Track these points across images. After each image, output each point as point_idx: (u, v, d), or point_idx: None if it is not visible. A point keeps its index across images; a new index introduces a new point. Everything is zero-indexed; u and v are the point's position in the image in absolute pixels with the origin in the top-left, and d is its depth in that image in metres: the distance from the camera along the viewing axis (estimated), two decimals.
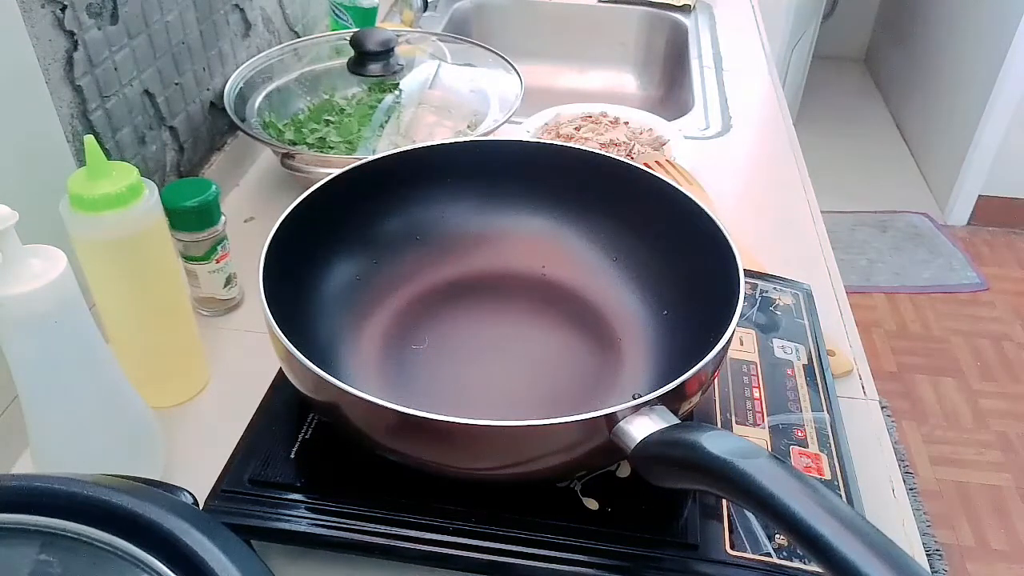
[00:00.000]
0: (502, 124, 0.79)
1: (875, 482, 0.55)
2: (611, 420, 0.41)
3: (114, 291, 0.53)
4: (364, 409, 0.42)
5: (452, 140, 0.64)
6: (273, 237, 0.50)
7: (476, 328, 0.60)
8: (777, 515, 0.33)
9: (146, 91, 0.68)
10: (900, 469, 0.57)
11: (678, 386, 0.42)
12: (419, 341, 0.58)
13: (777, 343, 0.59)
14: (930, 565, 1.37)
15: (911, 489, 1.57)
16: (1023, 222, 2.30)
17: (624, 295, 0.60)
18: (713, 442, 0.37)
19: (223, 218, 0.64)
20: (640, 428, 0.40)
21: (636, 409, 0.41)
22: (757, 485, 0.34)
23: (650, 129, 0.91)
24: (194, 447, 0.55)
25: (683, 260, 0.56)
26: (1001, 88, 2.11)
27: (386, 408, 0.41)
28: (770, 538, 0.45)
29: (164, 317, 0.56)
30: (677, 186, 0.57)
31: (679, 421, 0.41)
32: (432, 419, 0.40)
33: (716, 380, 0.54)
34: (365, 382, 0.54)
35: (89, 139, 0.47)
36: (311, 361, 0.43)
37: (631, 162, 0.61)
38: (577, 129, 0.91)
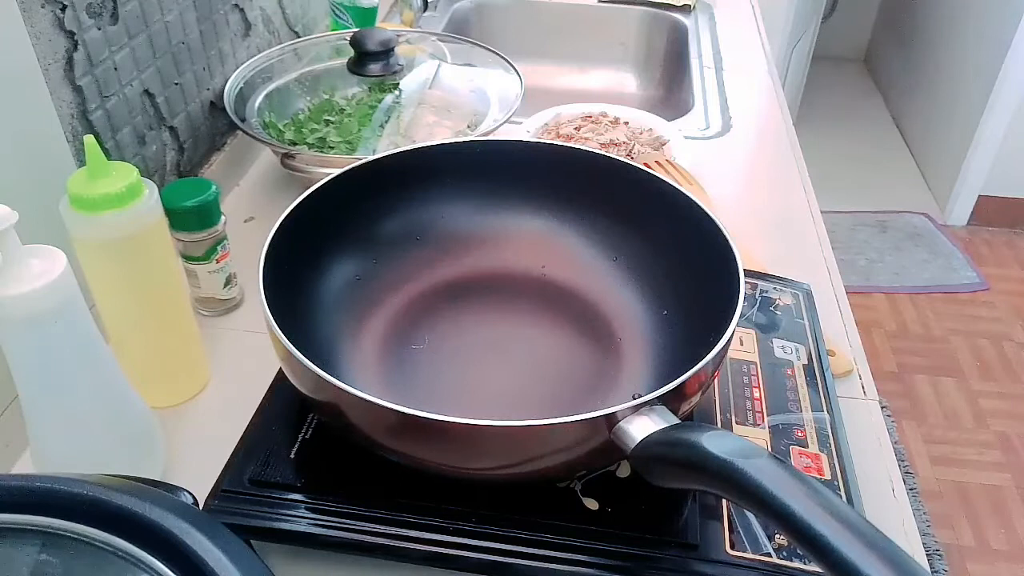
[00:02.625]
0: (502, 124, 0.79)
1: (875, 482, 0.55)
2: (611, 420, 0.41)
3: (114, 291, 0.53)
4: (363, 409, 0.42)
5: (452, 140, 0.64)
6: (273, 237, 0.50)
7: (476, 328, 0.59)
8: (777, 515, 0.33)
9: (146, 91, 0.68)
10: (900, 469, 0.57)
11: (678, 386, 0.42)
12: (419, 341, 0.58)
13: (777, 343, 0.59)
14: (930, 565, 1.37)
15: (911, 489, 1.57)
16: (1023, 222, 2.30)
17: (624, 295, 0.60)
18: (713, 442, 0.36)
19: (223, 218, 0.64)
20: (640, 428, 0.40)
21: (636, 409, 0.41)
22: (757, 485, 0.34)
23: (650, 129, 0.91)
24: (194, 447, 0.55)
25: (683, 260, 0.56)
26: (1001, 88, 2.11)
27: (385, 408, 0.41)
28: (770, 538, 0.45)
29: (164, 317, 0.56)
30: (677, 186, 0.57)
31: (679, 421, 0.41)
32: (431, 419, 0.40)
33: (716, 380, 0.54)
34: (365, 382, 0.54)
35: (89, 139, 0.47)
36: (311, 361, 0.43)
37: (631, 162, 0.61)
38: (577, 129, 0.91)
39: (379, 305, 0.59)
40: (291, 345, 0.43)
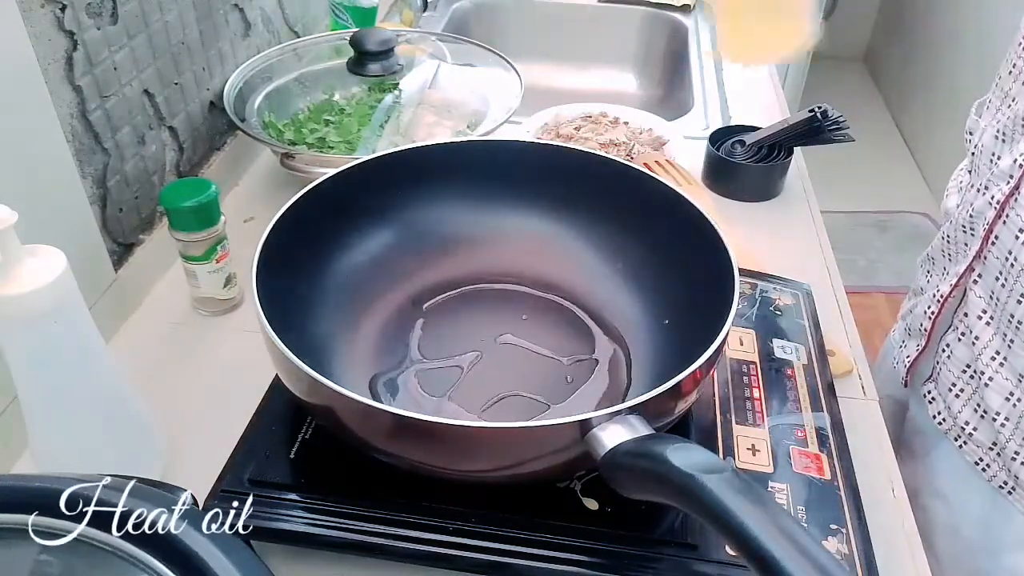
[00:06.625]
0: (502, 124, 0.79)
1: (875, 482, 0.55)
2: (585, 426, 0.40)
3: None
4: (328, 395, 0.42)
5: (451, 140, 0.63)
6: (267, 237, 0.50)
7: (473, 330, 0.59)
8: (732, 532, 0.33)
9: (146, 91, 0.68)
10: (900, 469, 0.57)
11: (651, 398, 0.41)
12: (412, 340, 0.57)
13: (777, 343, 0.59)
14: None
15: None
16: None
17: (624, 301, 0.60)
18: (678, 455, 0.36)
19: (223, 218, 0.64)
20: (612, 436, 0.40)
21: (611, 417, 0.40)
22: (715, 500, 0.34)
23: (650, 129, 0.91)
24: (194, 447, 0.55)
25: (682, 266, 0.56)
26: None
27: (346, 397, 0.41)
28: None
29: None
30: (679, 190, 0.56)
31: (653, 432, 0.40)
32: (401, 416, 0.40)
33: (697, 392, 0.50)
34: (358, 381, 0.54)
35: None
36: (304, 361, 0.42)
37: (630, 163, 0.61)
38: (577, 129, 0.91)
39: (375, 305, 0.59)
40: (286, 348, 0.43)
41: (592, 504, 0.47)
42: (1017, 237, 0.57)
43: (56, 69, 0.57)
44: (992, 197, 0.60)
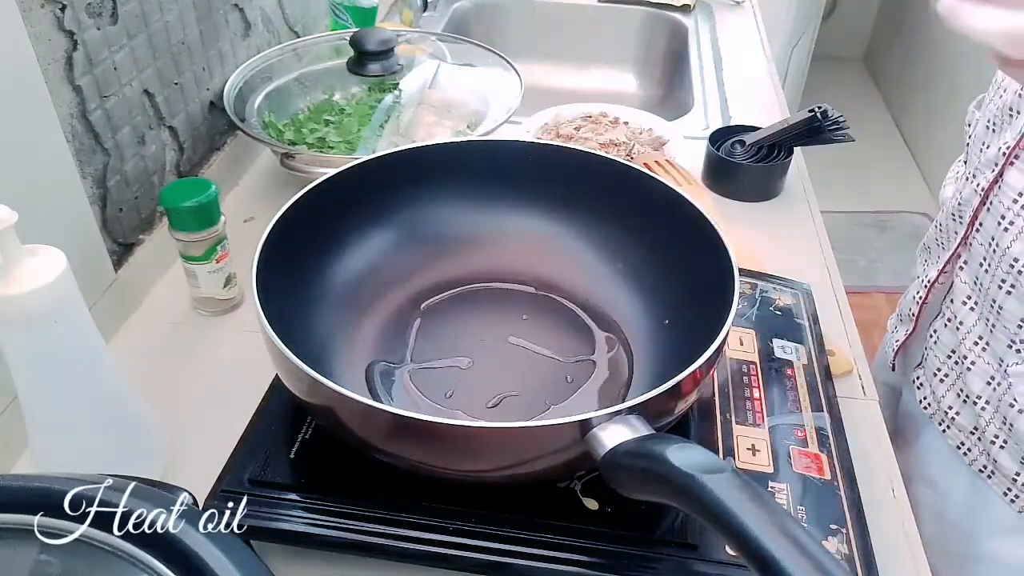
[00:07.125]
0: (502, 124, 0.79)
1: (875, 482, 0.55)
2: (585, 426, 0.40)
3: None
4: (326, 396, 0.42)
5: (451, 140, 0.63)
6: (267, 237, 0.50)
7: (473, 330, 0.59)
8: (732, 532, 0.33)
9: (146, 91, 0.68)
10: (900, 469, 0.57)
11: (651, 398, 0.41)
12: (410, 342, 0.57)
13: (777, 343, 0.59)
14: None
15: None
16: None
17: (625, 301, 0.60)
18: (678, 455, 0.36)
19: (222, 218, 0.64)
20: (613, 436, 0.40)
21: (611, 417, 0.40)
22: (715, 500, 0.33)
23: (650, 129, 0.91)
24: (194, 447, 0.55)
25: (682, 266, 0.56)
26: None
27: (346, 397, 0.41)
28: None
29: None
30: (679, 190, 0.56)
31: (653, 432, 0.40)
32: (401, 416, 0.40)
33: (698, 392, 0.50)
34: (358, 381, 0.54)
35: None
36: (304, 361, 0.42)
37: (630, 163, 0.61)
38: (577, 129, 0.91)
39: (375, 305, 0.59)
40: (286, 348, 0.43)
41: (592, 504, 0.47)
42: (999, 223, 0.58)
43: (56, 69, 0.57)
44: (978, 184, 0.60)
